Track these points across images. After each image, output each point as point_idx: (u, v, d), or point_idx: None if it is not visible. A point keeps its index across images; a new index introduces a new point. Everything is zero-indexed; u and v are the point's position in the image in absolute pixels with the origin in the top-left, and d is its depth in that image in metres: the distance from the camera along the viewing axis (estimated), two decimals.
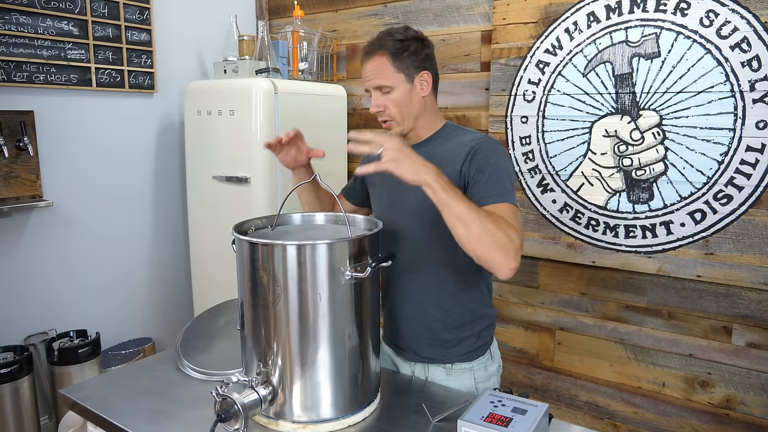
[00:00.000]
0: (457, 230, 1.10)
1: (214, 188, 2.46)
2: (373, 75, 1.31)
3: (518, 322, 2.45)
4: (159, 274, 2.78)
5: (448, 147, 1.33)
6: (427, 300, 1.36)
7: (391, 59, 1.30)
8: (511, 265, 1.09)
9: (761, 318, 1.94)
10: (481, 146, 1.27)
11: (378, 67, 1.30)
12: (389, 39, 1.31)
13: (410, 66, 1.31)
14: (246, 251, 1.11)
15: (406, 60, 1.30)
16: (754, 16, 1.82)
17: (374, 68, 1.31)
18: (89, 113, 2.42)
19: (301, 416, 1.11)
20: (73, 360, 2.23)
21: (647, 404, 2.19)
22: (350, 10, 2.80)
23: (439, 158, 1.32)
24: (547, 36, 2.19)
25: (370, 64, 1.32)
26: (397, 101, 1.31)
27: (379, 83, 1.30)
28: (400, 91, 1.31)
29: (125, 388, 1.29)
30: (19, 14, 2.15)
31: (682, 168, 1.99)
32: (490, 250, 1.08)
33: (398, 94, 1.31)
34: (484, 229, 1.08)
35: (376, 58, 1.31)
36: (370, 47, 1.32)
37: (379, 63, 1.30)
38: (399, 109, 1.32)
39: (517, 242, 1.10)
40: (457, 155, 1.29)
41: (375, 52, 1.31)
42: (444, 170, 1.30)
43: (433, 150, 1.35)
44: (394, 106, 1.31)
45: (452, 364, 1.38)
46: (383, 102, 1.31)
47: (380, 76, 1.30)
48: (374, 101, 1.33)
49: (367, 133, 1.14)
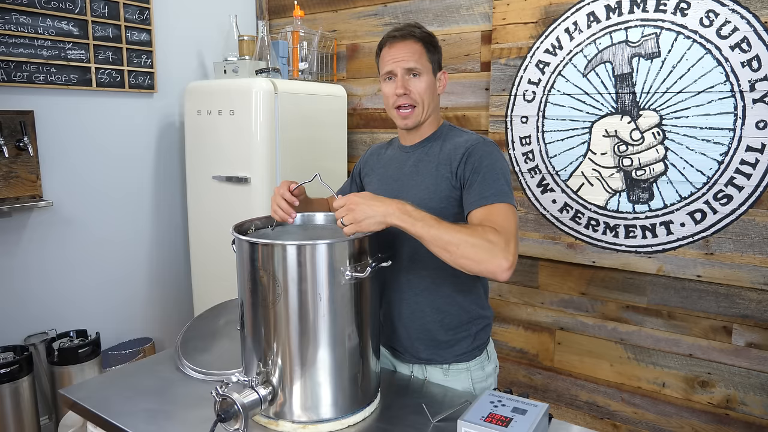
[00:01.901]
0: (439, 255, 1.10)
1: (214, 188, 2.46)
2: (408, 56, 1.30)
3: (518, 322, 2.45)
4: (159, 274, 2.78)
5: (445, 148, 1.33)
6: (423, 301, 1.35)
7: (424, 48, 1.32)
8: (502, 267, 1.07)
9: (761, 318, 1.94)
10: (476, 148, 1.27)
11: (412, 51, 1.31)
12: (420, 30, 1.33)
13: (435, 61, 1.35)
14: (246, 251, 1.11)
15: (434, 54, 1.34)
16: (754, 16, 1.82)
17: (408, 51, 1.31)
18: (89, 113, 2.42)
19: (301, 416, 1.11)
20: (73, 360, 2.23)
21: (647, 404, 2.19)
22: (350, 10, 2.80)
23: (435, 158, 1.33)
24: (547, 36, 2.19)
25: (403, 46, 1.31)
26: (424, 88, 1.32)
27: (413, 66, 1.30)
28: (428, 79, 1.32)
29: (125, 388, 1.29)
30: (19, 14, 2.15)
31: (682, 168, 1.99)
32: (478, 263, 1.08)
33: (426, 82, 1.32)
34: (462, 244, 1.07)
35: (409, 43, 1.31)
36: (402, 31, 1.33)
37: (413, 47, 1.31)
38: (423, 97, 1.32)
39: (501, 243, 1.08)
40: (453, 156, 1.29)
41: (408, 37, 1.32)
42: (438, 172, 1.30)
43: (431, 150, 1.35)
44: (421, 92, 1.32)
45: (449, 365, 1.37)
46: (410, 86, 1.31)
47: (414, 59, 1.30)
48: (400, 83, 1.31)
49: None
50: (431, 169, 1.32)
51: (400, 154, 1.42)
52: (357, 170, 1.56)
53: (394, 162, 1.42)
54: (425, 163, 1.34)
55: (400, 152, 1.42)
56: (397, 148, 1.44)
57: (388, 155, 1.46)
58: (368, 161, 1.53)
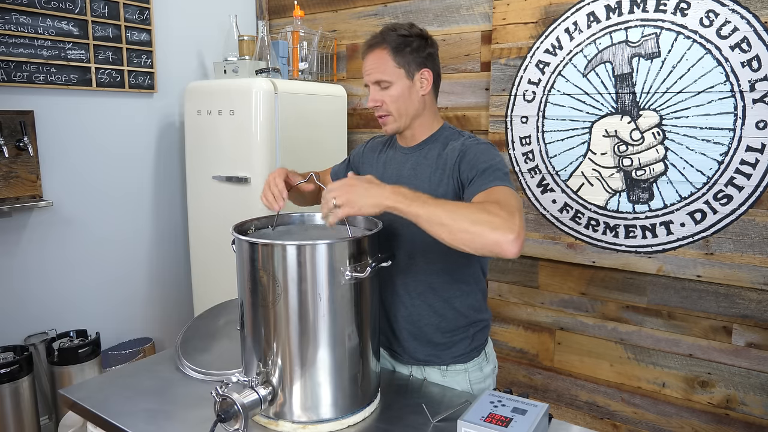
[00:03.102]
0: (438, 234, 1.02)
1: (214, 188, 2.46)
2: (373, 69, 1.29)
3: (518, 322, 2.45)
4: (159, 274, 2.78)
5: (443, 151, 1.31)
6: (420, 304, 1.35)
7: (392, 54, 1.28)
8: (508, 239, 0.97)
9: (761, 318, 1.94)
10: (469, 148, 1.25)
11: (378, 61, 1.29)
12: (392, 33, 1.29)
13: (411, 62, 1.29)
14: (246, 251, 1.11)
15: (407, 56, 1.29)
16: (754, 16, 1.82)
17: (374, 62, 1.29)
18: (89, 113, 2.42)
19: (301, 416, 1.11)
20: (73, 360, 2.23)
21: (647, 404, 2.19)
22: (350, 10, 2.80)
23: (433, 162, 1.31)
24: (547, 36, 2.19)
25: (371, 57, 1.30)
26: (395, 97, 1.29)
27: (378, 77, 1.29)
28: (399, 86, 1.29)
29: (125, 388, 1.29)
30: (19, 14, 2.15)
31: (682, 168, 1.99)
32: (479, 236, 0.99)
33: (397, 90, 1.29)
34: (460, 218, 1.00)
35: (377, 52, 1.29)
36: (372, 41, 1.31)
37: (379, 57, 1.29)
38: (397, 105, 1.30)
39: (503, 214, 1.01)
40: (449, 159, 1.28)
41: (377, 46, 1.29)
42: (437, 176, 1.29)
43: (428, 153, 1.34)
44: (392, 102, 1.29)
45: (447, 366, 1.37)
46: (381, 97, 1.30)
47: (380, 71, 1.28)
48: (372, 96, 1.31)
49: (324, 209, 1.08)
50: (429, 172, 1.31)
51: (399, 155, 1.40)
52: (355, 158, 1.53)
53: (393, 163, 1.42)
54: (423, 166, 1.33)
55: (399, 153, 1.41)
56: (397, 148, 1.43)
57: (387, 155, 1.45)
58: (366, 154, 1.50)
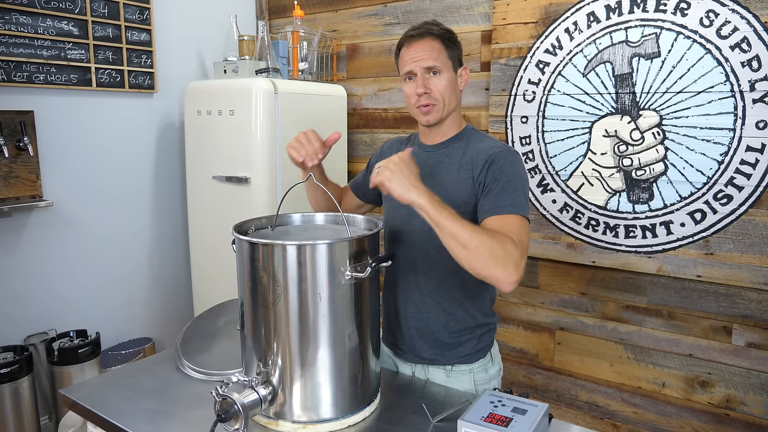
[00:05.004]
0: (454, 250, 1.09)
1: (214, 188, 2.46)
2: (426, 55, 1.30)
3: (518, 322, 2.45)
4: (159, 274, 2.78)
5: (467, 152, 1.32)
6: (430, 302, 1.35)
7: (443, 44, 1.31)
8: (511, 279, 1.07)
9: (761, 318, 1.94)
10: (499, 156, 1.26)
11: (430, 49, 1.30)
12: (438, 27, 1.32)
13: (455, 57, 1.34)
14: (246, 251, 1.11)
15: (454, 50, 1.33)
16: (754, 16, 1.82)
17: (426, 49, 1.30)
18: (89, 113, 2.42)
19: (301, 416, 1.11)
20: (73, 360, 2.23)
21: (647, 404, 2.19)
22: (350, 10, 2.80)
23: (457, 162, 1.32)
24: (547, 36, 2.19)
25: (421, 45, 1.31)
26: (444, 85, 1.31)
27: (432, 64, 1.30)
28: (448, 76, 1.32)
29: (125, 388, 1.29)
30: (19, 14, 2.15)
31: (682, 168, 1.99)
32: (489, 267, 1.07)
33: (446, 79, 1.31)
34: (481, 246, 1.07)
35: (427, 41, 1.31)
36: (420, 30, 1.32)
37: (432, 45, 1.30)
38: (444, 95, 1.31)
39: (516, 255, 1.08)
40: (475, 162, 1.28)
41: (426, 35, 1.31)
42: (459, 175, 1.29)
43: (453, 152, 1.34)
44: (441, 90, 1.31)
45: (452, 366, 1.37)
46: (431, 84, 1.31)
47: (433, 57, 1.30)
48: (420, 82, 1.30)
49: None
50: (452, 171, 1.31)
51: (421, 152, 1.40)
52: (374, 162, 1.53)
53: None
54: (446, 164, 1.33)
55: (421, 151, 1.40)
56: (418, 146, 1.42)
57: None
58: (385, 153, 1.50)
